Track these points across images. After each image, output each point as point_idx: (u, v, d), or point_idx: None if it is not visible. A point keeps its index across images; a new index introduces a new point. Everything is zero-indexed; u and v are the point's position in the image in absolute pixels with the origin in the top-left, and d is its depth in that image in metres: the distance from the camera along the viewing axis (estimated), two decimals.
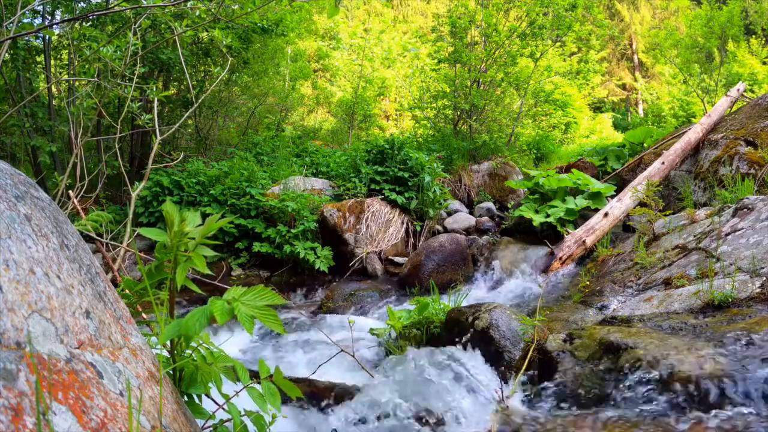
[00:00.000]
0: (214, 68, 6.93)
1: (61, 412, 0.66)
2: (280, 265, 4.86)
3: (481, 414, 1.76)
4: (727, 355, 1.53)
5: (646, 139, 7.66)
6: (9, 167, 0.94)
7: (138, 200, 5.00)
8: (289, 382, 1.20)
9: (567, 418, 1.56)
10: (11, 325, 0.67)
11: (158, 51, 5.85)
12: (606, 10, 21.74)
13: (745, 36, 12.83)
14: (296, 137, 9.13)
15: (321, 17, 15.63)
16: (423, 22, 21.41)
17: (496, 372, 2.11)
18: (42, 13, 5.56)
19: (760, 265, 2.50)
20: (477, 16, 8.07)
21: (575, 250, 4.20)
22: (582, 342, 1.87)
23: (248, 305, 1.06)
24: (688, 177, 5.34)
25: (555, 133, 12.82)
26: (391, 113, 16.26)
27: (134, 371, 0.89)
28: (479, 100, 7.82)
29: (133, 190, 2.81)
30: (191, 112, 5.25)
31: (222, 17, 3.27)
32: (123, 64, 3.29)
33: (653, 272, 3.18)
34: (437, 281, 4.09)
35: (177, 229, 1.09)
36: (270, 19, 6.41)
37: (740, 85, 6.71)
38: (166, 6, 3.65)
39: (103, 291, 0.97)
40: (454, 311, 2.60)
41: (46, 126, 5.47)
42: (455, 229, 5.65)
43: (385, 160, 5.58)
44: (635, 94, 21.49)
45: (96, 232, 2.72)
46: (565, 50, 12.81)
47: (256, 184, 5.18)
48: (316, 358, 2.72)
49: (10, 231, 0.77)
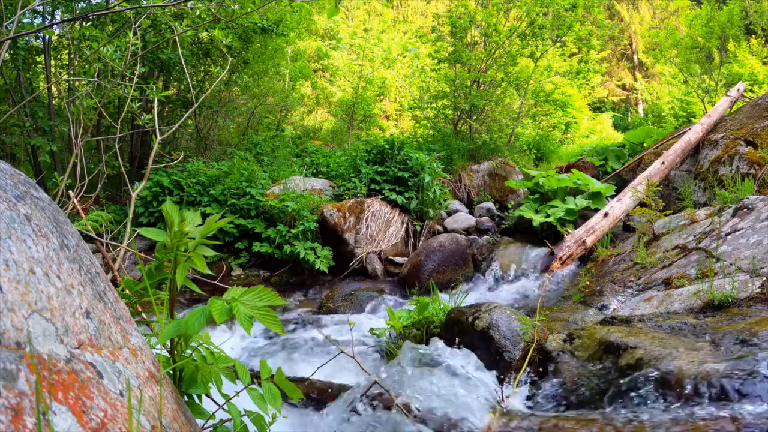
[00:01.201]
0: (214, 68, 6.94)
1: (61, 412, 0.66)
2: (280, 265, 4.86)
3: (480, 414, 1.76)
4: (728, 355, 1.53)
5: (646, 139, 7.67)
6: (9, 167, 0.94)
7: (138, 200, 5.00)
8: (290, 382, 1.20)
9: (567, 418, 1.56)
10: (11, 325, 0.67)
11: (158, 51, 5.85)
12: (606, 10, 21.74)
13: (745, 36, 12.83)
14: (296, 137, 9.14)
15: (321, 17, 15.64)
16: (423, 22, 21.42)
17: (495, 372, 2.11)
18: (42, 13, 5.56)
19: (760, 265, 2.50)
20: (477, 16, 8.07)
21: (575, 250, 4.20)
22: (582, 342, 1.87)
23: (247, 305, 1.06)
24: (688, 177, 5.34)
25: (555, 133, 12.82)
26: (391, 113, 16.26)
27: (134, 371, 0.89)
28: (479, 100, 7.83)
29: (133, 190, 2.81)
30: (191, 112, 5.25)
31: (222, 17, 3.27)
32: (123, 64, 3.29)
33: (653, 272, 3.18)
34: (437, 281, 4.09)
35: (177, 229, 1.09)
36: (270, 19, 6.41)
37: (740, 85, 6.72)
38: (166, 6, 3.65)
39: (103, 291, 0.97)
40: (454, 311, 2.60)
41: (46, 126, 5.47)
42: (455, 229, 5.65)
43: (385, 160, 5.58)
44: (635, 94, 21.49)
45: (96, 232, 2.72)
46: (565, 50, 12.82)
47: (256, 184, 5.18)
48: (315, 358, 2.72)
49: (10, 231, 0.77)
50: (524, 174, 7.16)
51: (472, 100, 7.73)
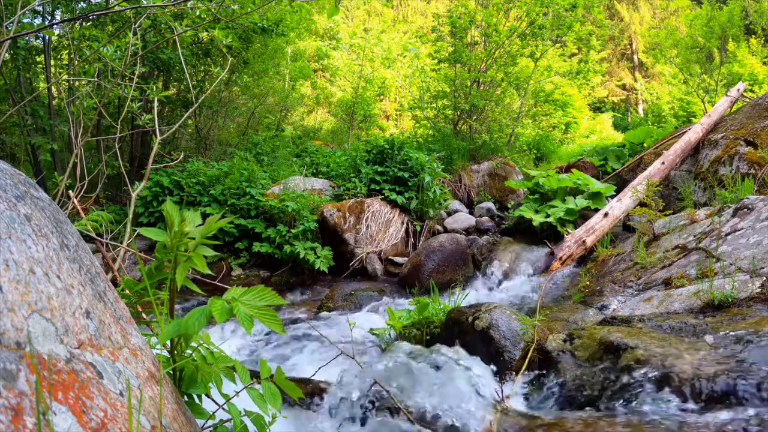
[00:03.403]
0: (214, 68, 6.94)
1: (61, 412, 0.66)
2: (280, 265, 4.87)
3: (480, 414, 1.76)
4: (728, 355, 1.53)
5: (646, 139, 7.67)
6: (9, 167, 0.94)
7: (138, 200, 5.00)
8: (290, 382, 1.20)
9: (567, 418, 1.56)
10: (11, 325, 0.67)
11: (158, 51, 5.85)
12: (606, 10, 21.73)
13: (745, 36, 12.83)
14: (296, 137, 9.14)
15: (321, 17, 15.64)
16: (423, 22, 21.41)
17: (495, 372, 2.11)
18: (42, 13, 5.57)
19: (760, 265, 2.50)
20: (477, 16, 8.07)
21: (575, 250, 4.20)
22: (582, 342, 1.87)
23: (248, 305, 1.06)
24: (688, 177, 5.34)
25: (555, 133, 12.82)
26: (391, 113, 16.26)
27: (134, 371, 0.89)
28: (479, 100, 7.83)
29: (133, 190, 2.81)
30: (191, 112, 5.25)
31: (222, 17, 3.27)
32: (123, 64, 3.29)
33: (653, 272, 3.18)
34: (437, 281, 4.09)
35: (177, 229, 1.09)
36: (270, 19, 6.41)
37: (740, 85, 6.71)
38: (166, 6, 3.65)
39: (103, 291, 0.97)
40: (454, 311, 2.60)
41: (46, 125, 5.47)
42: (455, 229, 5.65)
43: (385, 160, 5.58)
44: (635, 94, 21.49)
45: (96, 232, 2.72)
46: (565, 50, 12.82)
47: (256, 184, 5.18)
48: (315, 358, 2.72)
49: (10, 231, 0.77)
50: (524, 174, 7.16)
51: (472, 100, 7.73)
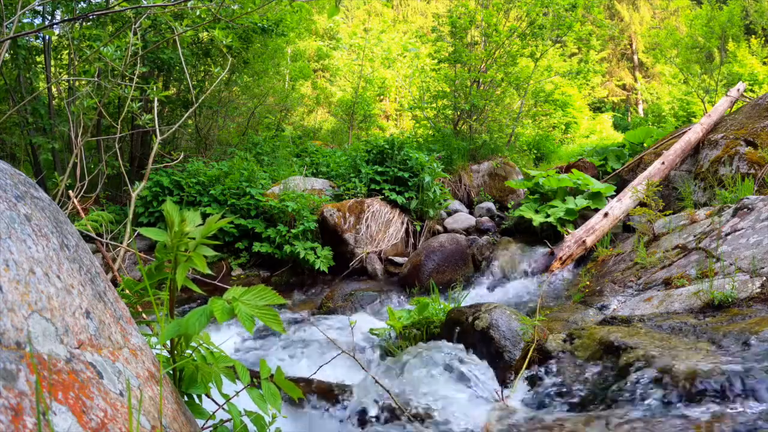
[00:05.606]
0: (214, 68, 6.94)
1: (61, 412, 0.66)
2: (280, 265, 4.86)
3: (480, 413, 1.76)
4: (728, 355, 1.53)
5: (646, 139, 7.67)
6: (9, 167, 0.94)
7: (138, 200, 5.00)
8: (290, 382, 1.20)
9: (567, 418, 1.56)
10: (11, 325, 0.67)
11: (158, 51, 5.84)
12: (606, 10, 21.73)
13: (745, 36, 12.83)
14: (296, 137, 9.13)
15: (321, 17, 15.64)
16: (423, 22, 21.41)
17: (495, 372, 2.11)
18: (42, 13, 5.56)
19: (760, 265, 2.50)
20: (477, 16, 8.07)
21: (575, 250, 4.20)
22: (582, 342, 1.87)
23: (248, 305, 1.06)
24: (688, 177, 5.34)
25: (555, 133, 12.82)
26: (391, 113, 16.26)
27: (134, 371, 0.89)
28: (479, 100, 7.82)
29: (133, 190, 2.81)
30: (191, 112, 5.25)
31: (222, 17, 3.27)
32: (123, 64, 3.29)
33: (653, 272, 3.18)
34: (437, 281, 4.09)
35: (177, 229, 1.09)
36: (270, 19, 6.41)
37: (740, 85, 6.71)
38: (166, 6, 3.65)
39: (103, 291, 0.97)
40: (454, 311, 2.60)
41: (46, 125, 5.48)
42: (455, 229, 5.65)
43: (385, 160, 5.58)
44: (635, 94, 21.49)
45: (96, 232, 2.72)
46: (565, 50, 12.82)
47: (256, 184, 5.18)
48: (316, 358, 2.72)
49: (10, 231, 0.77)
50: (524, 174, 7.16)
51: (472, 100, 7.73)
